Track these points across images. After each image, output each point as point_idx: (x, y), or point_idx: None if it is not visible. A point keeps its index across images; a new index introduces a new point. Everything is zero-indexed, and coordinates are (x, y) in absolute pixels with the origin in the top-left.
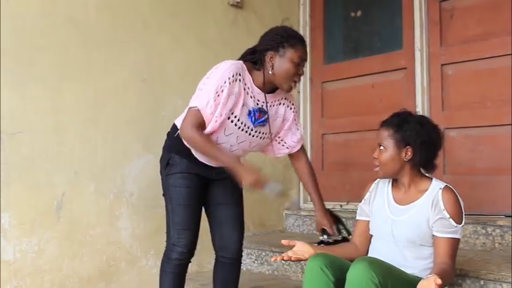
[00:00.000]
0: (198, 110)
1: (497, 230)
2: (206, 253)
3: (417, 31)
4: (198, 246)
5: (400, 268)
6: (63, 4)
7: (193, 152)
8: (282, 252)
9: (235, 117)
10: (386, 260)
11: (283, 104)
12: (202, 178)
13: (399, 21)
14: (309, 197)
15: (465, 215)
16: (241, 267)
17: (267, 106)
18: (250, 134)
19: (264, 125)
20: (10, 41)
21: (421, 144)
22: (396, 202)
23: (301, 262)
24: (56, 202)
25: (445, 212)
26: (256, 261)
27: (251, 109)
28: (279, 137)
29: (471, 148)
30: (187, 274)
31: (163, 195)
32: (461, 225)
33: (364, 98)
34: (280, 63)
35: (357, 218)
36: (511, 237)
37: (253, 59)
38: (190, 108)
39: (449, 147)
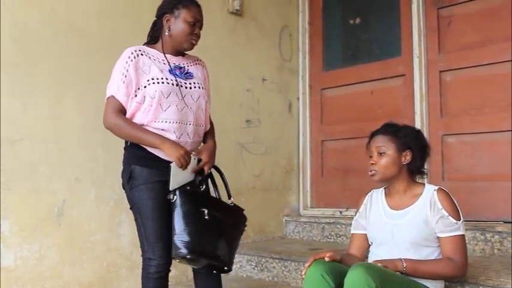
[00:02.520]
0: (112, 96)
1: (496, 236)
2: None
3: (415, 38)
4: None
5: None
6: (64, 12)
7: (152, 149)
8: (282, 259)
9: (161, 78)
10: None
11: (199, 65)
12: (167, 184)
13: (398, 29)
14: (309, 203)
15: (464, 221)
16: (241, 274)
17: (184, 65)
18: (186, 88)
19: (192, 77)
20: (11, 48)
21: (419, 149)
22: (392, 208)
23: (301, 268)
24: (56, 209)
25: (443, 211)
26: (256, 268)
27: (170, 68)
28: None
29: (470, 154)
30: (174, 283)
31: (131, 208)
32: (460, 221)
33: (363, 104)
34: (176, 24)
35: (353, 231)
36: (510, 243)
37: (154, 34)
38: (106, 99)
39: (448, 154)
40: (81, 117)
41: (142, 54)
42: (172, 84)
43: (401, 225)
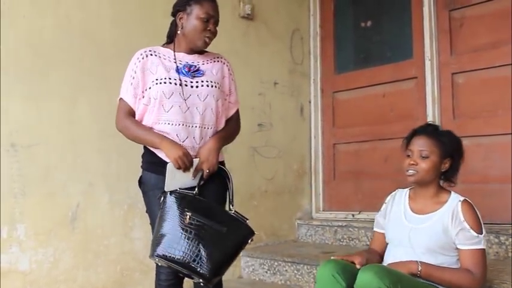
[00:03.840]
0: (121, 99)
1: (510, 239)
2: None
3: (427, 40)
4: None
5: None
6: (78, 18)
7: (158, 152)
8: (295, 262)
9: (165, 78)
10: None
11: (219, 62)
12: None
13: (409, 31)
14: (321, 207)
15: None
16: (254, 277)
17: (198, 63)
18: (192, 87)
19: (201, 75)
20: (27, 54)
21: (459, 158)
22: (414, 212)
23: (313, 272)
24: (71, 213)
25: (465, 223)
26: (268, 271)
27: (177, 67)
28: (227, 95)
29: (483, 156)
30: None
31: (147, 212)
32: (482, 235)
33: (375, 107)
34: (188, 21)
35: (374, 229)
36: None
37: (170, 33)
38: (118, 101)
39: None
40: (96, 122)
41: (152, 55)
42: (175, 84)
43: (419, 230)
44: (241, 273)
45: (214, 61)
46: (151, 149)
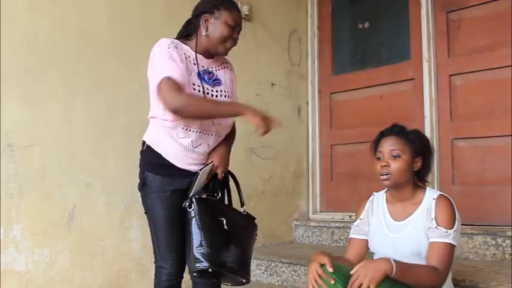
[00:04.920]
0: (167, 77)
1: (508, 241)
2: None
3: (425, 42)
4: None
5: None
6: (75, 19)
7: (167, 156)
8: (292, 263)
9: (187, 82)
10: None
11: (227, 68)
12: (181, 193)
13: (407, 32)
14: (318, 208)
15: (474, 225)
16: (251, 278)
17: (212, 69)
18: (213, 96)
19: (219, 84)
20: (23, 55)
21: (430, 156)
22: (393, 218)
23: None
24: (67, 214)
25: (433, 221)
26: (265, 272)
27: (199, 71)
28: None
29: (480, 158)
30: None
31: (145, 213)
32: (452, 229)
33: (373, 108)
34: (215, 25)
35: (352, 235)
36: None
37: (187, 31)
38: (158, 84)
39: (458, 158)
40: (92, 122)
41: (177, 48)
42: (199, 91)
43: (402, 238)
44: None
45: (224, 67)
46: (157, 150)
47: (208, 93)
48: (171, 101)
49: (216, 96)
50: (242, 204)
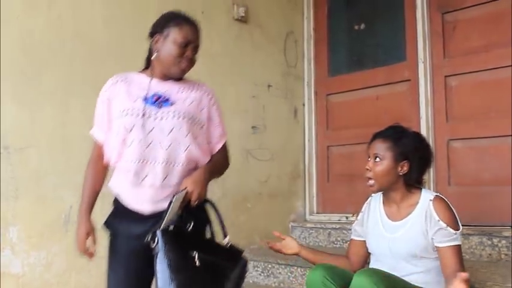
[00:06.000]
0: (95, 139)
1: (503, 241)
2: None
3: (420, 43)
4: None
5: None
6: (71, 20)
7: (120, 199)
8: (288, 265)
9: (127, 109)
10: None
11: (199, 91)
12: (138, 239)
13: (402, 34)
14: (315, 209)
15: (470, 226)
16: (247, 280)
17: (167, 92)
18: (156, 119)
19: (169, 104)
20: (19, 56)
21: (418, 160)
22: (389, 218)
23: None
24: (63, 216)
25: (441, 222)
26: (262, 274)
27: (145, 96)
28: (202, 126)
29: (476, 159)
30: None
31: (109, 257)
32: (459, 231)
33: (369, 110)
34: (164, 45)
35: (351, 237)
36: None
37: (148, 56)
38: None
39: (453, 159)
40: (88, 124)
41: (122, 81)
42: (137, 115)
43: (398, 239)
44: None
45: (193, 90)
46: (115, 191)
47: (150, 116)
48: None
49: (161, 118)
50: (225, 235)
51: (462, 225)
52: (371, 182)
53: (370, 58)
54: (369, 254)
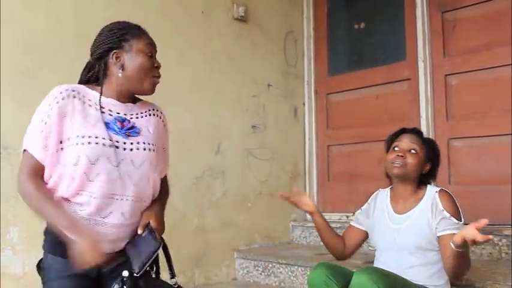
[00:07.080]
0: (27, 152)
1: (504, 240)
2: (213, 264)
3: (420, 42)
4: (204, 257)
5: (406, 275)
6: (71, 20)
7: (63, 234)
8: (289, 264)
9: (89, 136)
10: (390, 268)
11: (154, 115)
12: (89, 281)
13: (402, 33)
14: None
15: (465, 223)
16: (248, 279)
17: (128, 116)
18: (125, 149)
19: (137, 134)
20: (20, 57)
21: (437, 165)
22: (395, 211)
23: (307, 273)
24: None
25: (445, 212)
26: (263, 273)
27: (107, 121)
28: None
29: (476, 158)
30: None
31: None
32: (462, 222)
33: (369, 109)
34: (130, 59)
35: (351, 223)
36: None
37: (92, 76)
38: (22, 152)
39: (454, 157)
40: None
41: (76, 97)
42: (104, 145)
43: (403, 230)
44: (236, 275)
45: (149, 114)
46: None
47: (118, 147)
48: (19, 184)
49: (131, 149)
50: (172, 276)
51: (463, 224)
52: (399, 164)
53: (370, 57)
54: (361, 241)
